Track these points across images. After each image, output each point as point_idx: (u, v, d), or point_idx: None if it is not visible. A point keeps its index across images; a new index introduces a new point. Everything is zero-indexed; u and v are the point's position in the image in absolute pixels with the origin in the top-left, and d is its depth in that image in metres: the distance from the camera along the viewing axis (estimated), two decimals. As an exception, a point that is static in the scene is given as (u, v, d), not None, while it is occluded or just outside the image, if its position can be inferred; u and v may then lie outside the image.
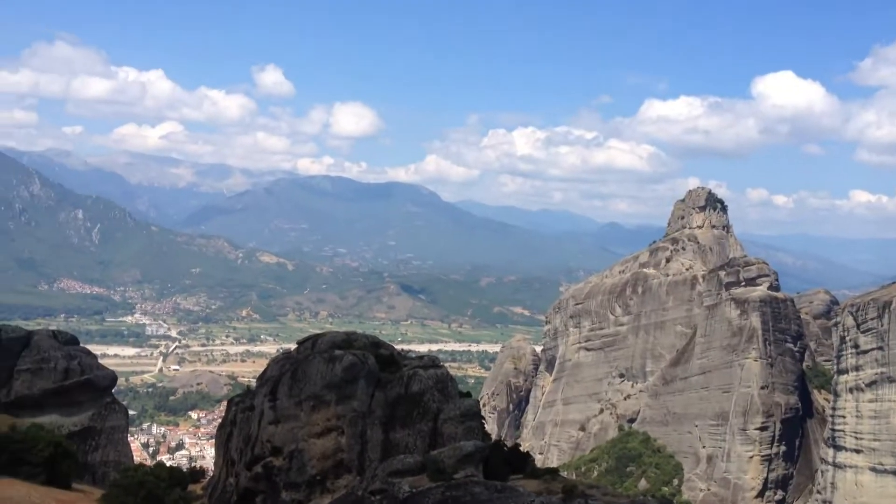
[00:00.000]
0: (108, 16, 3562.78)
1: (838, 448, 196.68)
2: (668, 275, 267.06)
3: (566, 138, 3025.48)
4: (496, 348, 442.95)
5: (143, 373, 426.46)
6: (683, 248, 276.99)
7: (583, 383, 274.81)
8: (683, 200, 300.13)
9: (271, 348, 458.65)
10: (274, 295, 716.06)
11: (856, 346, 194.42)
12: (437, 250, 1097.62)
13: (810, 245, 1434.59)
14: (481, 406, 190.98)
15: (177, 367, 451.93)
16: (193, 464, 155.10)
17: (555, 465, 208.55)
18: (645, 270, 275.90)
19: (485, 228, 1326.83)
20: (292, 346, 57.76)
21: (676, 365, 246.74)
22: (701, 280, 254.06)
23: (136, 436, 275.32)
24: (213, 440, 78.70)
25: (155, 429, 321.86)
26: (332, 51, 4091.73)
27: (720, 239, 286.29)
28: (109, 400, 64.79)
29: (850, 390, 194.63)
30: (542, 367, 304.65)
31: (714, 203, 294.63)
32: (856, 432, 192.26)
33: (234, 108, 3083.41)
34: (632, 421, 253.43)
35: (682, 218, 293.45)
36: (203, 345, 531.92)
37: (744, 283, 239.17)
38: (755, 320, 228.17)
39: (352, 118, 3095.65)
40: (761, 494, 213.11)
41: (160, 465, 54.99)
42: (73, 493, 46.21)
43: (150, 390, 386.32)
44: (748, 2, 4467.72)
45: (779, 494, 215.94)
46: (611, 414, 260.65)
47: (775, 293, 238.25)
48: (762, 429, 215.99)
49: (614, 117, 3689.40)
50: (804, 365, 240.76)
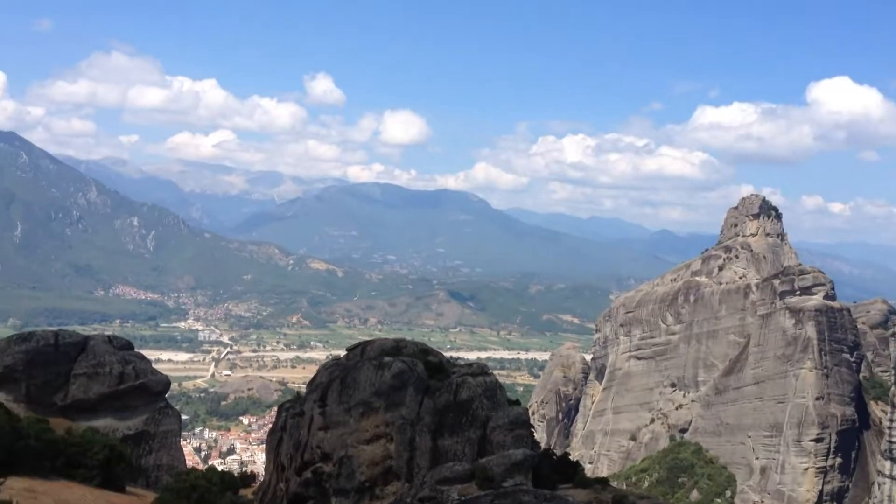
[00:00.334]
0: (162, 26, 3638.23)
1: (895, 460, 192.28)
2: (720, 283, 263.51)
3: (616, 145, 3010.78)
4: (545, 356, 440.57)
5: (195, 378, 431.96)
6: (737, 257, 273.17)
7: (633, 392, 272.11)
8: (737, 208, 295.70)
9: (321, 355, 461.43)
10: (324, 301, 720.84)
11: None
12: (486, 257, 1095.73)
13: (867, 253, 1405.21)
14: (530, 414, 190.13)
15: (228, 372, 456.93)
16: (244, 468, 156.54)
17: (605, 474, 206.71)
18: (697, 279, 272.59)
19: (534, 236, 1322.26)
20: (342, 353, 57.99)
21: (729, 375, 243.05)
22: (755, 289, 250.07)
23: (188, 440, 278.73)
24: (264, 445, 79.32)
25: (207, 433, 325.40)
26: (383, 59, 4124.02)
27: (774, 247, 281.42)
28: (163, 404, 65.51)
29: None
30: (591, 376, 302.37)
31: (768, 210, 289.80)
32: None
33: (286, 117, 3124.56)
34: (683, 431, 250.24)
35: (736, 226, 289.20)
36: (254, 351, 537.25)
37: (799, 292, 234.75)
38: (810, 330, 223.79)
39: (401, 126, 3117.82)
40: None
41: (212, 469, 55.54)
42: (127, 496, 46.86)
43: (202, 395, 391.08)
44: (802, 7, 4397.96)
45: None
46: (662, 424, 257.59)
47: (831, 302, 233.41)
48: (817, 440, 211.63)
49: (666, 124, 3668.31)
50: (861, 375, 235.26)
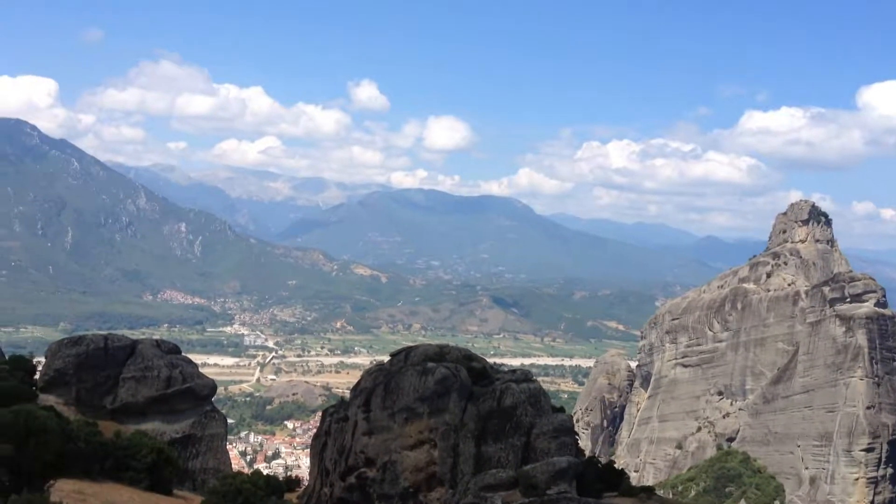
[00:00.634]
0: (210, 35, 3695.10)
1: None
2: (769, 290, 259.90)
3: (662, 150, 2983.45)
4: (590, 363, 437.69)
5: (241, 382, 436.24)
6: (785, 263, 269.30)
7: (679, 400, 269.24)
8: (785, 214, 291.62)
9: (365, 360, 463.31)
10: (367, 307, 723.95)
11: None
12: (530, 263, 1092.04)
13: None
14: (574, 422, 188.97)
15: (273, 377, 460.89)
16: (289, 473, 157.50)
17: (650, 483, 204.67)
18: (745, 285, 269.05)
19: (578, 242, 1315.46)
20: (385, 358, 58.04)
21: (778, 383, 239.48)
22: (804, 296, 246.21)
23: (234, 444, 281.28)
24: (309, 450, 79.67)
25: (252, 437, 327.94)
26: (426, 66, 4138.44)
27: (824, 253, 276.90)
28: (209, 408, 66.01)
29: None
30: (636, 383, 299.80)
31: (818, 216, 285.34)
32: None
33: (330, 123, 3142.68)
34: (731, 440, 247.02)
35: (784, 232, 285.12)
36: (299, 355, 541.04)
37: (849, 300, 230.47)
38: (861, 338, 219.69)
39: (445, 132, 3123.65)
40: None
41: (257, 473, 55.86)
42: (174, 498, 47.31)
43: (247, 399, 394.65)
44: (852, 10, 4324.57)
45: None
46: (709, 432, 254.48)
47: (883, 310, 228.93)
48: (868, 450, 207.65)
49: (712, 129, 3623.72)
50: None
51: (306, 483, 61.84)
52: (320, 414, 64.37)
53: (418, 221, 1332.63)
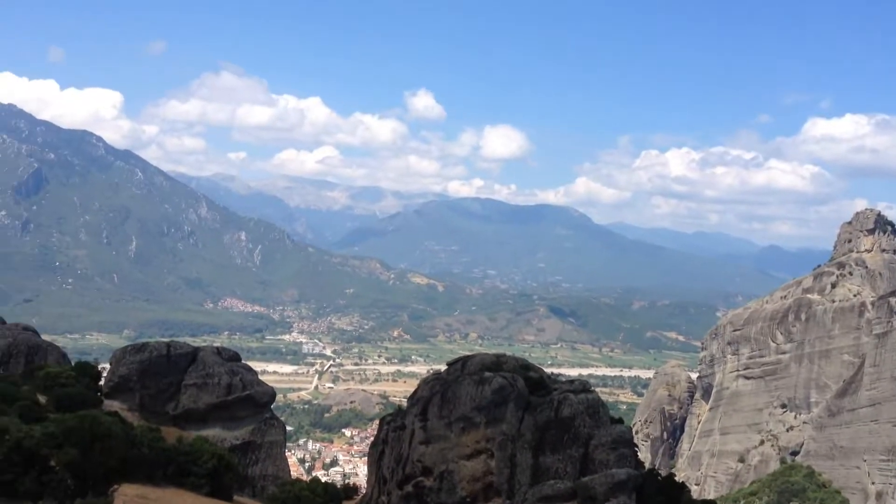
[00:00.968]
0: (269, 48, 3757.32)
1: None
2: (833, 301, 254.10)
3: (723, 159, 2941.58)
4: (649, 374, 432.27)
5: (299, 390, 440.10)
6: (850, 273, 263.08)
7: (741, 413, 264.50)
8: (850, 223, 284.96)
9: (422, 369, 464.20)
10: (424, 316, 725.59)
11: None
12: (587, 273, 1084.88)
13: None
14: (634, 433, 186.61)
15: (331, 385, 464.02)
16: (347, 480, 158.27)
17: (712, 497, 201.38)
18: (809, 296, 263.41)
19: (637, 251, 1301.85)
20: (442, 367, 57.99)
21: (843, 396, 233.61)
22: (870, 307, 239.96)
23: (292, 451, 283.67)
24: (366, 458, 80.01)
25: (310, 445, 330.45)
26: (482, 75, 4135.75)
27: (891, 263, 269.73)
28: (269, 415, 66.69)
29: None
30: (697, 395, 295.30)
31: (884, 226, 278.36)
32: None
33: (387, 133, 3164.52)
34: (795, 454, 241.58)
35: (849, 241, 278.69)
36: (356, 364, 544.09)
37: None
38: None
39: (501, 141, 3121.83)
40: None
41: (316, 480, 56.30)
42: (234, 504, 47.88)
43: (306, 407, 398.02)
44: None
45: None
46: (772, 446, 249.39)
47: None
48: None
49: (774, 137, 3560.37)
50: None
51: (364, 491, 62.07)
52: (377, 422, 64.57)
53: (475, 230, 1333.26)
